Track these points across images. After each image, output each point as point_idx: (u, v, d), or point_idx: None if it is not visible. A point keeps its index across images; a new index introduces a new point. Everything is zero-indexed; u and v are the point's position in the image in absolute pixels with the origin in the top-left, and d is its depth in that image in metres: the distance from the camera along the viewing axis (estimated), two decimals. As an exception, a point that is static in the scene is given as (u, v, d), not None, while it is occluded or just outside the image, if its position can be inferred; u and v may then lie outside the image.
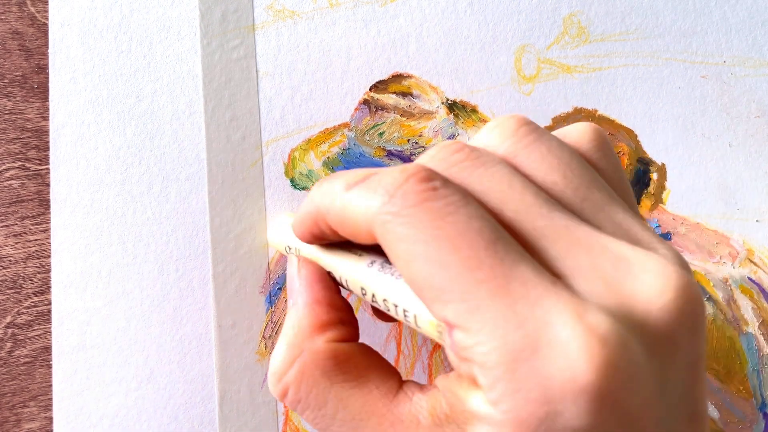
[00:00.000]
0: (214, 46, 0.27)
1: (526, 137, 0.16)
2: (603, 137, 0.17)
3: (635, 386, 0.12)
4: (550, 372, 0.12)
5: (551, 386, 0.12)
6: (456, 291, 0.13)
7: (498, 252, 0.13)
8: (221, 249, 0.26)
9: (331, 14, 0.28)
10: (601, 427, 0.12)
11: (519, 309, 0.12)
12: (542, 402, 0.12)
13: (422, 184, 0.14)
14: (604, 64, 0.29)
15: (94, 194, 0.26)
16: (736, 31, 0.30)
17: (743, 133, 0.30)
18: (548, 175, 0.15)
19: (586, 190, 0.15)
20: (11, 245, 0.25)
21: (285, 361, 0.16)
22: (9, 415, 0.24)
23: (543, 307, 0.12)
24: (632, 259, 0.13)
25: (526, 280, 0.13)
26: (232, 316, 0.25)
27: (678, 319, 0.13)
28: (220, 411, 0.25)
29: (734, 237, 0.29)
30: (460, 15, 0.29)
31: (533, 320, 0.12)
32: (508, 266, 0.13)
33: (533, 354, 0.12)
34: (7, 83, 0.27)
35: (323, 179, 0.17)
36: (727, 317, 0.28)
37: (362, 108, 0.28)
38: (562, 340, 0.12)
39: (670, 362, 0.13)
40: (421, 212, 0.14)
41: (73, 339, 0.25)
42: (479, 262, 0.13)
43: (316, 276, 0.19)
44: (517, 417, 0.12)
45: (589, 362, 0.12)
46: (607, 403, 0.12)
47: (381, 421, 0.15)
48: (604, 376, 0.12)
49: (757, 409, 0.27)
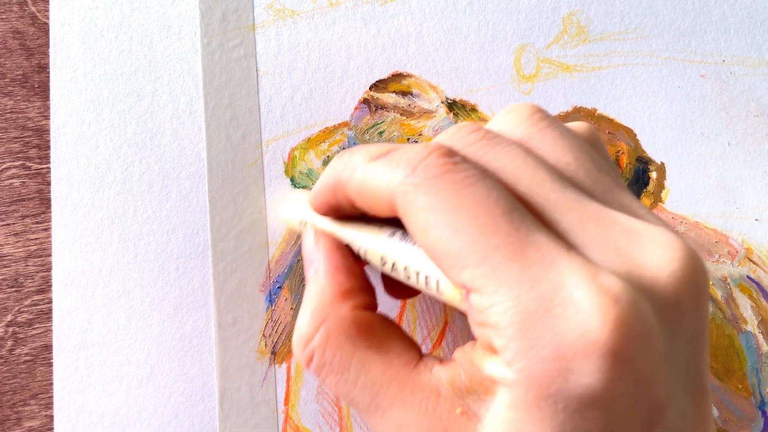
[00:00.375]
0: (214, 46, 0.27)
1: (540, 122, 0.17)
2: (598, 137, 0.18)
3: (647, 346, 0.12)
4: (562, 330, 0.12)
5: (564, 343, 0.12)
6: (472, 256, 0.13)
7: (514, 220, 0.14)
8: (221, 248, 0.26)
9: (331, 13, 0.28)
10: (613, 384, 0.12)
11: (533, 271, 0.13)
12: (555, 359, 0.12)
13: (444, 158, 0.15)
14: (603, 63, 0.29)
15: (95, 193, 0.26)
16: (735, 30, 0.31)
17: (742, 132, 0.30)
18: (561, 156, 0.16)
19: (597, 173, 0.16)
20: (12, 244, 0.26)
21: (311, 327, 0.17)
22: (10, 413, 0.24)
23: (557, 269, 0.13)
24: (641, 231, 0.14)
25: (541, 245, 0.13)
26: (232, 314, 0.25)
27: (684, 287, 0.13)
28: (220, 409, 0.25)
29: (733, 236, 0.29)
30: (460, 14, 0.29)
31: (547, 281, 0.13)
32: (523, 233, 0.13)
33: (546, 313, 0.12)
34: (8, 82, 0.27)
35: (343, 152, 0.18)
36: (726, 316, 0.28)
37: (362, 107, 0.28)
38: (575, 299, 0.12)
39: (676, 329, 0.13)
40: (442, 183, 0.14)
41: (73, 337, 0.25)
42: (496, 228, 0.13)
43: (334, 245, 0.19)
44: (530, 375, 0.12)
45: (602, 320, 0.12)
46: (620, 360, 0.12)
47: (401, 389, 0.15)
48: (617, 334, 0.12)
49: (756, 408, 0.27)
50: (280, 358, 0.26)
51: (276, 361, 0.26)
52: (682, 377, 0.14)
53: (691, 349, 0.14)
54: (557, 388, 0.12)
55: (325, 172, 0.18)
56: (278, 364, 0.26)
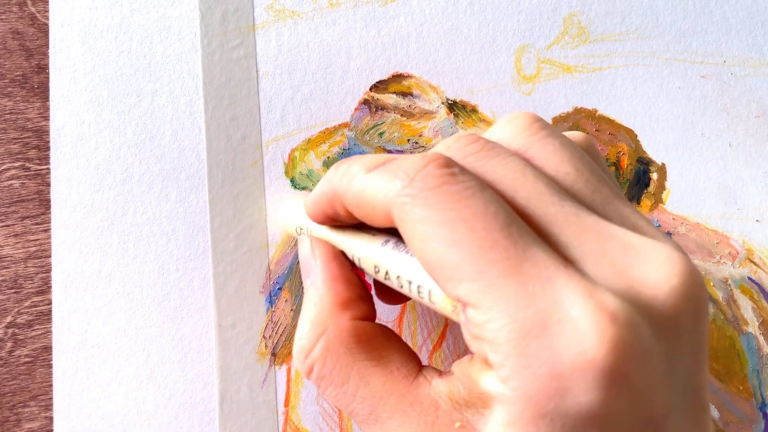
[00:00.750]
0: (214, 46, 0.27)
1: (539, 132, 0.17)
2: (595, 146, 0.18)
3: (644, 365, 0.12)
4: (559, 348, 0.12)
5: (561, 362, 0.12)
6: (469, 270, 0.13)
7: (512, 234, 0.13)
8: (221, 249, 0.26)
9: (332, 14, 0.28)
10: (611, 403, 0.12)
11: (530, 288, 0.13)
12: (552, 378, 0.12)
13: (442, 170, 0.14)
14: (604, 64, 0.29)
15: (95, 194, 0.26)
16: (736, 30, 0.30)
17: (743, 132, 0.30)
18: (560, 166, 0.16)
19: (597, 183, 0.16)
20: (11, 245, 0.26)
21: (310, 339, 0.17)
22: (9, 414, 0.24)
23: (554, 286, 0.13)
24: (639, 246, 0.14)
25: (538, 261, 0.13)
26: (232, 315, 0.25)
27: (683, 303, 0.13)
28: (220, 411, 0.25)
29: (734, 237, 0.29)
30: (460, 15, 0.29)
31: (544, 298, 0.13)
32: (521, 248, 0.13)
33: (543, 331, 0.12)
34: (7, 83, 0.27)
35: (341, 161, 0.18)
36: (727, 317, 0.28)
37: (362, 108, 0.28)
38: (572, 317, 0.12)
39: (675, 346, 0.13)
40: (439, 194, 0.14)
41: (73, 339, 0.25)
42: (493, 242, 0.13)
43: (331, 254, 0.19)
44: (526, 393, 0.12)
45: (600, 338, 0.12)
46: (617, 379, 0.12)
47: (401, 401, 0.15)
48: (614, 352, 0.12)
49: (757, 409, 0.27)
50: (281, 359, 0.26)
51: (276, 362, 0.26)
52: (681, 393, 0.14)
53: (691, 365, 0.14)
54: (554, 406, 0.12)
55: (321, 181, 0.18)
56: (278, 365, 0.26)
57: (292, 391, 0.25)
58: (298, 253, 0.26)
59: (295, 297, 0.26)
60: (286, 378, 0.25)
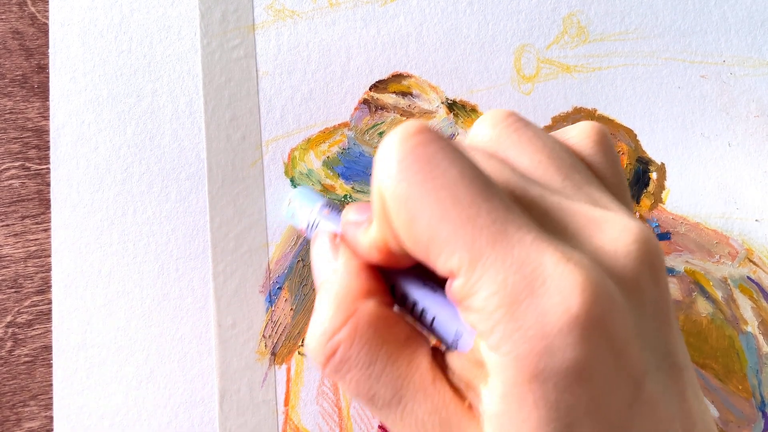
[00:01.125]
0: (214, 46, 0.27)
1: (513, 124, 0.17)
2: (603, 135, 0.18)
3: (619, 318, 0.13)
4: (546, 308, 0.13)
5: (548, 321, 0.13)
6: (460, 240, 0.14)
7: (493, 196, 0.14)
8: (221, 248, 0.26)
9: (331, 14, 0.28)
10: (594, 355, 0.13)
11: (516, 253, 0.13)
12: (540, 337, 0.13)
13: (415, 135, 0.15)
14: (603, 63, 0.29)
15: (95, 194, 0.26)
16: (736, 30, 0.30)
17: (742, 132, 0.30)
18: (534, 154, 0.16)
19: (569, 170, 0.16)
20: (11, 245, 0.26)
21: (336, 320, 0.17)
22: (9, 414, 0.24)
23: (537, 249, 0.13)
24: (600, 218, 0.15)
25: (521, 223, 0.14)
26: (232, 315, 0.25)
27: (641, 266, 0.14)
28: (220, 410, 0.25)
29: (734, 236, 0.29)
30: (460, 15, 0.29)
31: (530, 263, 0.13)
32: (503, 210, 0.14)
33: (530, 294, 0.13)
34: (7, 83, 0.27)
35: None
36: (726, 316, 0.28)
37: (362, 107, 0.28)
38: (555, 278, 0.13)
39: (640, 305, 0.14)
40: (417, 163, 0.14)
41: (73, 338, 0.25)
42: (478, 208, 0.14)
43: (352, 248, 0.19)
44: (517, 356, 0.13)
45: (581, 295, 0.13)
46: (597, 330, 0.13)
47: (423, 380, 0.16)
48: (594, 307, 0.13)
49: (757, 409, 0.27)
50: (280, 358, 0.26)
51: (276, 362, 0.26)
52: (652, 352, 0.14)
53: (658, 325, 0.15)
54: (545, 366, 0.13)
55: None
56: (278, 365, 0.26)
57: (292, 390, 0.25)
58: (299, 251, 0.26)
59: (294, 296, 0.26)
60: (286, 377, 0.25)
